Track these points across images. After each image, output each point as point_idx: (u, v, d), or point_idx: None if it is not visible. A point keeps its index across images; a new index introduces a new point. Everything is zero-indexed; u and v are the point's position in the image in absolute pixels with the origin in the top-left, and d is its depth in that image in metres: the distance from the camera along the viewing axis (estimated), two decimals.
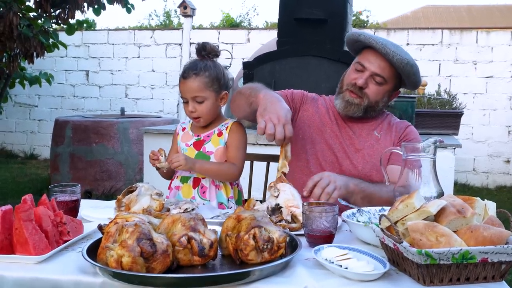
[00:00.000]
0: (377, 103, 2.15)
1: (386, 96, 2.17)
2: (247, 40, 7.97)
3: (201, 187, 2.19)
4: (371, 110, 2.16)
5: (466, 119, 6.79)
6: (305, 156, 2.20)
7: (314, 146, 2.20)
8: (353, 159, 2.16)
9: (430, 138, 1.90)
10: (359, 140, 2.19)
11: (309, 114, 2.26)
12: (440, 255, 1.16)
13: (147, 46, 8.32)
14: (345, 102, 2.15)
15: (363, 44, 2.15)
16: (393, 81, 2.14)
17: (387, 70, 2.09)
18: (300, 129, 2.23)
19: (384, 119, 2.26)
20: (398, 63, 2.04)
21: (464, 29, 7.34)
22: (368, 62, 2.11)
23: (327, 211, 1.53)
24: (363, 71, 2.11)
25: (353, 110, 2.14)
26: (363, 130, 2.21)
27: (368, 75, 2.10)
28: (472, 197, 1.38)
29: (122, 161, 5.90)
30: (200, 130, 2.26)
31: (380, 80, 2.10)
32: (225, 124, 2.25)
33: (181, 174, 2.24)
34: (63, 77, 8.65)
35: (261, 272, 1.24)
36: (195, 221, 1.38)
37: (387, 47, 2.05)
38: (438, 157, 1.85)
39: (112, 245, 1.27)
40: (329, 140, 2.19)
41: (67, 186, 1.82)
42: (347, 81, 2.16)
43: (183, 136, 2.29)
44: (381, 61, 2.08)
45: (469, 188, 6.94)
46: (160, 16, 15.47)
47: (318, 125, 2.23)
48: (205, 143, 2.22)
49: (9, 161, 8.27)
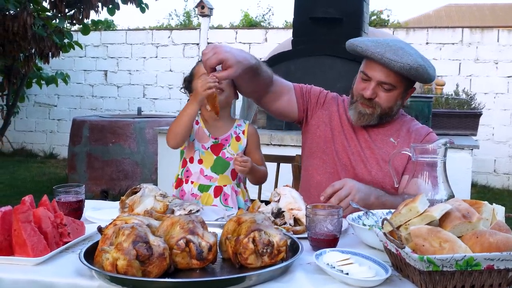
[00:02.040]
0: (391, 108, 2.09)
1: (399, 99, 2.09)
2: (264, 39, 7.94)
3: (223, 195, 2.17)
4: (386, 116, 2.10)
5: (486, 119, 6.66)
6: (320, 155, 2.17)
7: (330, 146, 2.16)
8: (367, 164, 2.11)
9: (440, 139, 1.85)
10: (374, 144, 2.13)
11: (328, 113, 2.21)
12: (443, 262, 1.12)
13: (164, 46, 8.34)
14: (358, 114, 2.09)
15: (360, 54, 2.07)
16: (402, 84, 2.05)
17: (392, 77, 2.01)
18: (318, 127, 2.20)
19: (403, 124, 2.18)
20: (401, 70, 1.96)
21: (485, 28, 7.20)
22: (371, 71, 2.03)
23: (332, 214, 1.49)
24: (369, 81, 2.04)
25: (366, 120, 2.09)
26: (378, 135, 2.15)
27: (374, 84, 2.02)
28: (479, 201, 1.33)
29: (138, 160, 5.92)
30: (216, 130, 2.19)
31: (388, 87, 2.03)
32: (239, 127, 2.23)
33: (198, 182, 2.17)
34: (82, 77, 8.72)
35: (258, 277, 1.22)
36: (194, 223, 1.36)
37: (385, 56, 1.96)
38: (455, 159, 1.82)
39: (108, 247, 1.25)
40: (345, 142, 2.15)
41: (72, 186, 1.81)
42: (356, 92, 2.10)
43: (198, 134, 2.19)
44: (384, 69, 2.00)
45: (489, 189, 6.81)
46: (180, 16, 15.49)
47: (336, 126, 2.18)
48: (224, 148, 2.17)
49: (29, 160, 8.37)
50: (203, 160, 2.17)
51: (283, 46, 5.44)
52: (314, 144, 2.20)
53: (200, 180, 2.16)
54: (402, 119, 2.21)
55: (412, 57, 1.97)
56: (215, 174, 2.16)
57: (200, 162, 2.17)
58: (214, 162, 2.16)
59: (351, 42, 2.10)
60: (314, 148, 2.19)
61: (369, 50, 1.99)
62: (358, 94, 2.08)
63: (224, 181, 2.17)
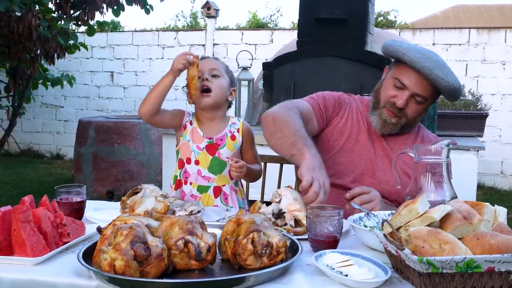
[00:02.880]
0: (415, 120, 2.07)
1: (423, 112, 2.08)
2: (270, 40, 7.93)
3: (223, 195, 2.17)
4: (408, 126, 2.09)
5: (493, 120, 6.62)
6: (331, 164, 2.07)
7: (342, 156, 2.09)
8: (385, 172, 2.06)
9: (443, 140, 1.84)
10: (393, 153, 2.08)
11: (343, 121, 2.15)
12: (442, 264, 1.11)
13: (171, 47, 8.35)
14: (383, 122, 2.04)
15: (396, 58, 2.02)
16: (432, 97, 2.02)
17: (429, 90, 1.97)
18: (332, 135, 2.13)
19: (418, 133, 2.16)
20: (445, 89, 1.93)
21: (492, 29, 7.15)
22: (408, 80, 1.96)
23: (332, 215, 1.48)
24: (403, 89, 1.98)
25: (390, 129, 2.05)
26: (396, 144, 2.11)
27: (408, 95, 1.97)
28: (481, 202, 1.31)
29: (144, 161, 5.92)
30: (210, 130, 2.19)
31: (421, 100, 1.98)
32: (234, 125, 2.22)
33: (196, 183, 2.16)
34: (89, 78, 8.75)
35: (257, 278, 1.21)
36: (193, 224, 1.35)
37: (434, 73, 1.89)
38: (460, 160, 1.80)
39: (106, 248, 1.25)
40: (362, 150, 2.09)
41: (73, 187, 1.81)
42: (385, 98, 2.03)
43: (192, 134, 2.18)
44: (423, 81, 1.94)
45: (496, 191, 6.77)
46: (186, 18, 15.49)
47: (351, 133, 2.12)
48: (220, 147, 2.17)
49: (35, 161, 8.40)
50: (199, 161, 2.16)
51: (288, 47, 5.43)
52: (326, 152, 2.12)
53: (199, 181, 2.16)
54: (415, 127, 2.18)
55: (455, 77, 1.94)
56: (213, 175, 2.15)
57: (196, 163, 2.16)
58: (211, 162, 2.15)
59: (394, 45, 2.01)
60: (325, 157, 2.09)
61: (418, 63, 1.91)
62: (388, 101, 2.02)
63: (223, 181, 2.17)
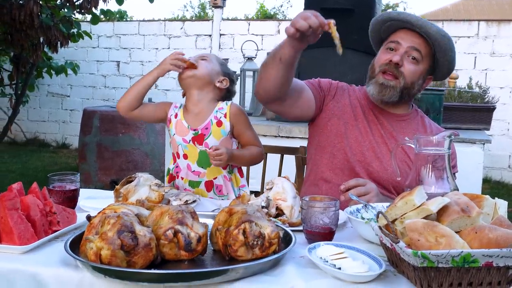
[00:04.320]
0: (413, 84, 2.01)
1: (421, 79, 2.03)
2: (277, 31, 7.85)
3: (216, 187, 2.12)
4: (406, 93, 2.02)
5: (502, 114, 6.53)
6: (331, 149, 2.06)
7: (342, 141, 2.04)
8: (383, 160, 2.01)
9: (445, 131, 1.79)
10: (391, 140, 2.04)
11: (339, 106, 2.10)
12: (438, 258, 1.06)
13: (177, 37, 8.30)
14: (380, 86, 2.00)
15: (394, 26, 2.03)
16: (428, 60, 2.02)
17: (423, 46, 1.98)
18: (328, 120, 2.09)
19: (420, 122, 2.12)
20: (436, 34, 1.94)
21: (501, 21, 7.04)
22: (401, 39, 2.00)
23: (328, 207, 1.44)
24: (397, 48, 2.00)
25: (389, 93, 1.99)
26: (394, 130, 2.06)
27: (403, 51, 1.98)
28: (481, 195, 1.27)
29: (148, 151, 5.90)
30: (195, 120, 2.11)
31: (417, 55, 1.98)
32: (220, 111, 2.11)
33: (187, 178, 2.12)
34: (95, 67, 8.72)
35: (246, 270, 1.17)
36: (183, 213, 1.32)
37: (421, 20, 1.95)
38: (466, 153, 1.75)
39: (93, 237, 1.22)
40: (359, 137, 2.04)
41: (66, 174, 1.78)
42: (379, 63, 2.03)
43: (177, 127, 2.13)
44: (415, 37, 1.98)
45: (503, 185, 6.69)
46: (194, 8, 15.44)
47: (349, 119, 2.08)
48: (206, 137, 2.08)
49: (41, 150, 8.40)
50: (187, 155, 2.11)
51: None
52: (324, 138, 2.09)
53: (189, 176, 2.11)
54: (417, 115, 2.15)
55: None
56: (202, 169, 2.10)
57: (185, 157, 2.11)
58: (199, 155, 2.09)
59: (382, 13, 2.08)
60: (324, 143, 2.08)
61: (406, 13, 1.99)
62: (382, 63, 2.01)
63: (213, 174, 2.11)
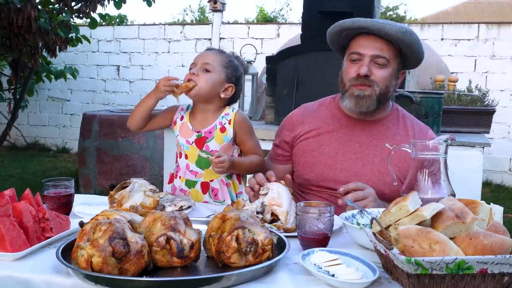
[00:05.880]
0: (388, 88, 1.95)
1: (393, 79, 1.96)
2: (277, 35, 7.86)
3: (212, 190, 2.11)
4: (383, 98, 1.96)
5: (502, 117, 6.52)
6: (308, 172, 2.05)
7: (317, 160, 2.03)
8: (362, 176, 1.96)
9: (441, 135, 1.78)
10: (368, 151, 2.00)
11: (309, 126, 2.10)
12: (432, 265, 1.05)
13: (177, 41, 8.30)
14: (355, 98, 1.93)
15: (351, 33, 1.96)
16: (395, 60, 1.94)
17: (386, 49, 1.90)
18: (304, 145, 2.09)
19: (398, 125, 2.05)
20: (396, 34, 1.85)
21: (502, 24, 7.03)
22: (361, 47, 1.91)
23: (323, 212, 1.43)
24: (361, 59, 1.91)
25: (366, 103, 1.93)
26: (372, 140, 2.01)
27: (368, 60, 1.89)
28: (476, 200, 1.25)
29: (147, 155, 5.89)
30: (200, 123, 2.13)
31: (383, 61, 1.90)
32: (226, 117, 2.12)
33: (185, 177, 2.12)
34: (95, 72, 8.72)
35: (238, 277, 1.16)
36: (176, 220, 1.30)
37: (379, 22, 1.86)
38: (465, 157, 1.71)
39: (84, 244, 1.21)
40: (331, 149, 2.02)
41: (61, 180, 1.77)
42: (347, 78, 1.96)
43: (182, 129, 2.15)
44: (376, 42, 1.89)
45: (504, 189, 6.66)
46: (194, 12, 15.45)
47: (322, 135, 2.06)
48: (208, 141, 2.09)
49: (41, 154, 8.40)
50: (188, 155, 2.12)
51: (293, 41, 5.36)
52: (301, 156, 2.09)
53: (186, 175, 2.11)
54: (397, 115, 2.08)
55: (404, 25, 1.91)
56: (200, 169, 2.10)
57: (186, 157, 2.12)
58: (198, 156, 2.10)
59: (336, 23, 1.98)
60: (300, 160, 2.09)
61: (361, 20, 1.89)
62: (351, 78, 1.94)
63: (210, 176, 2.10)
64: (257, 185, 1.80)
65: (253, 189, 1.82)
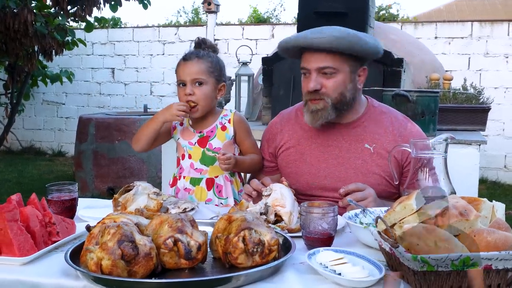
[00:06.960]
0: (343, 93, 1.91)
1: (350, 82, 1.92)
2: (271, 35, 7.88)
3: (217, 187, 2.15)
4: (343, 103, 1.93)
5: (496, 114, 6.56)
6: (294, 182, 2.03)
7: (301, 170, 2.05)
8: (345, 178, 1.96)
9: (441, 135, 1.80)
10: (349, 155, 1.99)
11: (285, 139, 2.13)
12: (437, 262, 1.07)
13: (171, 43, 8.31)
14: (311, 113, 1.94)
15: (296, 49, 1.95)
16: (345, 63, 1.89)
17: (329, 58, 1.86)
18: (284, 155, 2.12)
19: (377, 122, 2.02)
20: (333, 42, 1.81)
21: (495, 21, 7.08)
22: (306, 62, 1.91)
23: (327, 212, 1.44)
24: (308, 73, 1.91)
25: (321, 116, 1.93)
26: (350, 143, 2.01)
27: (315, 75, 1.88)
28: (478, 198, 1.28)
29: (144, 158, 5.90)
30: (201, 125, 2.18)
31: (330, 71, 1.87)
32: (225, 117, 2.19)
33: (189, 175, 2.16)
34: (90, 75, 8.72)
35: (246, 277, 1.17)
36: (182, 222, 1.32)
37: (309, 37, 1.84)
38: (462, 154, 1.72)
39: (93, 247, 1.22)
40: (316, 159, 2.03)
41: (64, 184, 1.78)
42: (303, 93, 1.97)
43: (183, 133, 2.20)
44: (318, 54, 1.87)
45: (500, 185, 6.71)
46: (188, 13, 15.43)
47: (301, 144, 2.08)
48: (210, 139, 2.15)
49: (37, 158, 8.39)
50: (191, 155, 2.16)
51: None
52: (285, 167, 2.12)
53: (191, 173, 2.15)
54: (373, 113, 2.04)
55: (338, 29, 1.86)
56: (205, 166, 2.15)
57: (189, 157, 2.17)
58: (202, 154, 2.15)
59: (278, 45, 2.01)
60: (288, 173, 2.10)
61: (291, 40, 1.92)
62: (305, 93, 1.95)
63: (215, 172, 2.15)
64: (254, 191, 1.85)
65: (251, 195, 1.85)
